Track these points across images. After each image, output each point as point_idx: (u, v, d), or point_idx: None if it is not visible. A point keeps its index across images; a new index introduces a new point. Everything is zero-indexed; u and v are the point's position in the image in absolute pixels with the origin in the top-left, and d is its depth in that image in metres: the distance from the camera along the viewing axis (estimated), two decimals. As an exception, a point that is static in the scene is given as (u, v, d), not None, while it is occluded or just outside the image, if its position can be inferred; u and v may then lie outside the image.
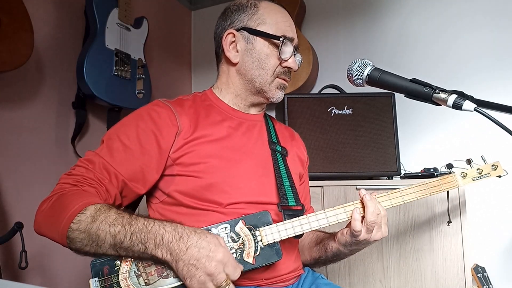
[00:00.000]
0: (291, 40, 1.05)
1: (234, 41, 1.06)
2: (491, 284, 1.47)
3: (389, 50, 2.10)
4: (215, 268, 0.76)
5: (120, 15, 1.81)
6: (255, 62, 1.04)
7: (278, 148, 1.10)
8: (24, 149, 1.58)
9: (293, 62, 1.06)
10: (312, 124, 1.72)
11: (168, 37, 2.44)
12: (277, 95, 1.07)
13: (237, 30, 1.06)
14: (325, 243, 1.07)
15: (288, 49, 1.04)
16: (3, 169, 1.50)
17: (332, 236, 1.06)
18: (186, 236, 0.78)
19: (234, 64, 1.07)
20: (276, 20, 1.05)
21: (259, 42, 1.04)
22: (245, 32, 1.05)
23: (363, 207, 0.95)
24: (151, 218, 0.82)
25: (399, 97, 1.23)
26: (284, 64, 1.05)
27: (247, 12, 1.06)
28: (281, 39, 1.02)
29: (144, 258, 0.81)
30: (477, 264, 1.51)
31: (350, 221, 0.95)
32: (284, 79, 1.07)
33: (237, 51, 1.06)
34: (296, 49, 1.07)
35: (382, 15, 2.14)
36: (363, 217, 0.94)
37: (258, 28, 1.04)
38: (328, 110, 1.73)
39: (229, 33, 1.06)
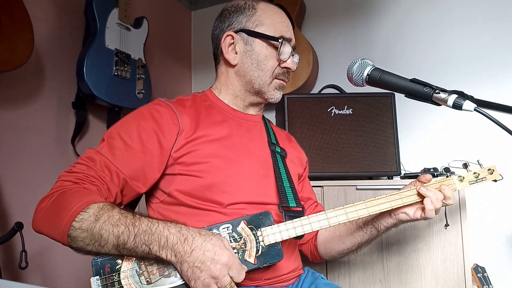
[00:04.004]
0: (289, 40, 1.06)
1: (232, 43, 1.06)
2: (491, 284, 1.47)
3: (389, 50, 2.10)
4: (220, 271, 0.76)
5: (120, 15, 1.80)
6: (254, 63, 1.04)
7: (278, 149, 1.10)
8: (24, 149, 1.58)
9: (292, 62, 1.07)
10: (312, 124, 1.72)
11: (168, 37, 2.44)
12: (276, 96, 1.08)
13: (236, 32, 1.06)
14: (374, 223, 1.05)
15: (286, 49, 1.05)
16: (3, 169, 1.50)
17: (383, 214, 1.03)
18: (191, 238, 0.78)
19: (233, 66, 1.07)
20: (274, 21, 1.06)
21: (258, 43, 1.04)
22: (244, 33, 1.05)
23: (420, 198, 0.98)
24: (154, 219, 0.81)
25: (399, 97, 1.23)
26: (283, 65, 1.06)
27: (245, 13, 1.06)
28: (279, 40, 1.03)
29: (148, 258, 0.81)
30: (477, 264, 1.51)
31: (421, 206, 0.99)
32: (282, 80, 1.08)
33: (236, 53, 1.06)
34: (294, 49, 1.08)
35: (382, 15, 2.14)
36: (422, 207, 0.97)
37: (257, 30, 1.05)
38: (328, 110, 1.73)
39: (227, 35, 1.07)
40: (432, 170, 1.63)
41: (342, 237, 1.12)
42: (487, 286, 1.46)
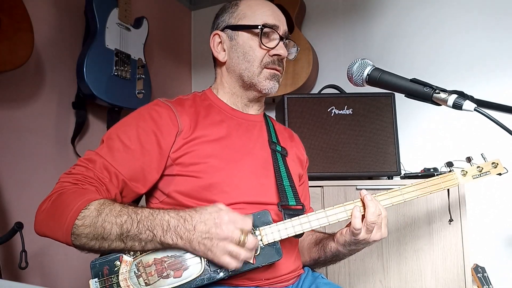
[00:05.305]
0: (273, 27, 1.04)
1: (220, 42, 1.08)
2: (491, 284, 1.47)
3: (390, 50, 2.09)
4: (227, 230, 0.78)
5: (120, 15, 1.81)
6: (240, 56, 1.05)
7: (278, 148, 1.10)
8: (24, 149, 1.58)
9: (281, 48, 1.04)
10: (312, 124, 1.72)
11: (168, 37, 2.44)
12: (268, 86, 1.05)
13: (221, 30, 1.08)
14: (324, 243, 1.07)
15: (271, 36, 1.04)
16: (3, 169, 1.50)
17: (332, 236, 1.05)
18: (189, 217, 0.80)
19: (224, 63, 1.09)
20: (255, 12, 1.06)
21: (242, 36, 1.05)
22: (228, 30, 1.07)
23: (364, 206, 0.95)
24: (155, 208, 0.84)
25: (399, 97, 1.23)
26: (272, 52, 1.04)
27: (228, 11, 1.09)
28: (259, 26, 1.02)
29: (152, 247, 0.81)
30: (477, 264, 1.51)
31: (350, 221, 0.95)
32: (273, 68, 1.05)
33: (224, 50, 1.08)
34: (286, 38, 1.07)
35: (382, 15, 2.14)
36: (363, 216, 0.94)
37: (239, 23, 1.06)
38: (328, 110, 1.73)
39: (214, 35, 1.09)
40: (432, 170, 1.63)
41: (303, 248, 1.14)
42: (487, 286, 1.46)
